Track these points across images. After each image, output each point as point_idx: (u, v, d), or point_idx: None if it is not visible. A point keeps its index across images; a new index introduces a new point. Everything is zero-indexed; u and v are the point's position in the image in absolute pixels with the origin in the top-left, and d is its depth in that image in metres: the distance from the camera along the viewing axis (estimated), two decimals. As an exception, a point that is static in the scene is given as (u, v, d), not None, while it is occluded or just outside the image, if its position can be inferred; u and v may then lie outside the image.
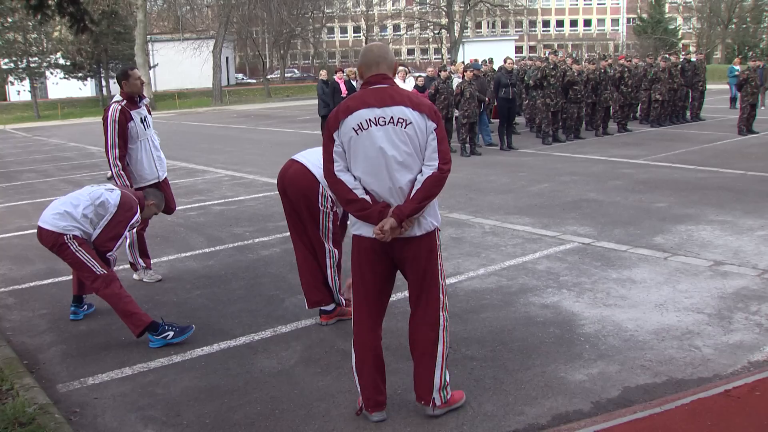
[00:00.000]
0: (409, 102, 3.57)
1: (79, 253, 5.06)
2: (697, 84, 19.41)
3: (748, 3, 65.92)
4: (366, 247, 3.76)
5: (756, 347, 4.62)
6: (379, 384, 3.84)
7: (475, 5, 54.18)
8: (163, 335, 5.03)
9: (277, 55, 67.08)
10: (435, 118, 3.59)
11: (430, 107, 3.62)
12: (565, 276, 6.24)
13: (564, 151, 14.75)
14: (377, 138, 3.55)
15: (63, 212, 5.16)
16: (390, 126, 3.55)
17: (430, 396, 3.80)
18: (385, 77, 3.66)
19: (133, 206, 5.35)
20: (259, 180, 12.58)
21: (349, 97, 3.72)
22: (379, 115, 3.55)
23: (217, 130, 25.44)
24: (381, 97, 3.58)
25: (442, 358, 3.79)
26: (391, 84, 3.67)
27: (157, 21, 63.73)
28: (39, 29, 41.14)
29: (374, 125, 3.55)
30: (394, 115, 3.55)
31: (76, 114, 41.78)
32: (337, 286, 5.28)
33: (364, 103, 3.58)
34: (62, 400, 4.28)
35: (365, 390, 3.84)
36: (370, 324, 3.84)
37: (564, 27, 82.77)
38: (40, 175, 14.94)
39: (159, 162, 6.54)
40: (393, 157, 3.55)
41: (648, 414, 3.77)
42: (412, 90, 15.93)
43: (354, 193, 3.62)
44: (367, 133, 3.56)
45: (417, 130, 3.56)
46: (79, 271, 5.18)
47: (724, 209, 8.59)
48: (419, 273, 3.74)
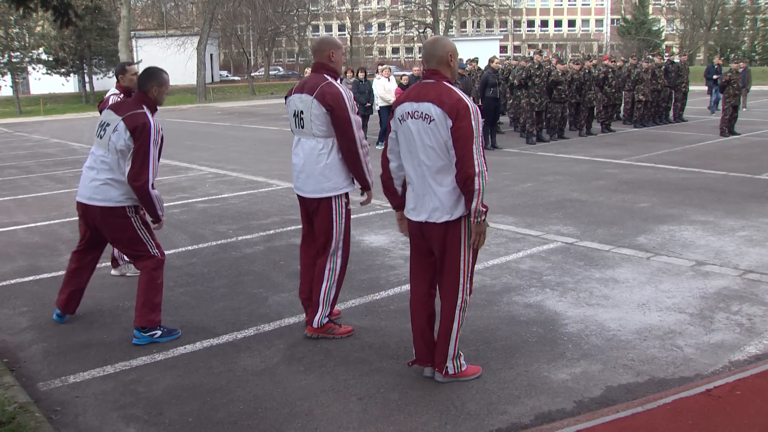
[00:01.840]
0: (437, 99, 3.86)
1: (140, 230, 5.03)
2: (680, 85, 19.57)
3: (730, 5, 66.56)
4: (412, 226, 4.21)
5: (737, 347, 4.66)
6: (427, 341, 4.29)
7: (460, 4, 54.33)
8: (151, 333, 5.00)
9: (261, 53, 66.91)
10: (454, 115, 3.80)
11: (453, 105, 3.81)
12: (549, 275, 6.26)
13: (548, 150, 14.81)
14: (411, 129, 3.97)
15: (106, 180, 4.93)
16: (420, 120, 3.91)
17: (444, 364, 4.19)
18: (434, 72, 3.99)
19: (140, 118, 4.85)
20: (242, 178, 12.54)
21: (408, 88, 4.20)
22: (415, 109, 3.94)
23: (201, 127, 25.31)
24: (421, 92, 3.95)
25: (456, 332, 4.15)
26: (438, 79, 3.97)
27: (141, 17, 63.39)
28: (21, 24, 40.70)
29: (411, 118, 3.96)
30: (423, 110, 3.90)
31: (59, 110, 41.38)
32: (330, 301, 5.00)
33: (408, 97, 4.01)
34: (43, 398, 4.23)
35: (416, 346, 4.33)
36: (418, 290, 4.29)
37: (548, 27, 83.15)
38: (21, 171, 14.80)
39: None
40: (421, 149, 3.93)
41: (630, 413, 3.79)
42: (396, 89, 15.98)
43: (391, 180, 4.27)
44: (405, 124, 4.00)
45: (439, 126, 3.84)
46: (132, 247, 5.08)
47: (706, 210, 8.66)
48: (442, 255, 4.08)
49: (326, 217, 4.86)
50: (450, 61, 4.00)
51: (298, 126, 4.82)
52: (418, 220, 4.08)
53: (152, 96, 4.97)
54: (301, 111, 4.75)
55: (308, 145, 4.79)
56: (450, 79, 4.01)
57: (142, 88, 4.96)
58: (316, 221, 4.91)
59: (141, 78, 5.00)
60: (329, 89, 4.64)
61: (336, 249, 4.93)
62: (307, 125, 4.74)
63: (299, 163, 4.87)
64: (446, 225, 3.99)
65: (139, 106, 4.91)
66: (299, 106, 4.76)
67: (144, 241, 5.07)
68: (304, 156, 4.82)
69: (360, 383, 4.30)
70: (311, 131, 4.74)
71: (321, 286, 4.94)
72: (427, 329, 4.29)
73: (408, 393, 4.15)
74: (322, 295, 4.94)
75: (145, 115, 4.86)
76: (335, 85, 4.67)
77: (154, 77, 4.97)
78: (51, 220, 9.36)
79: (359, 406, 4.02)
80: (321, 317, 4.96)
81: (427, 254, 4.21)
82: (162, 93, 5.02)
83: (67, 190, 11.82)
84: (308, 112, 4.70)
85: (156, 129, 4.88)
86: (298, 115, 4.79)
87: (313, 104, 4.65)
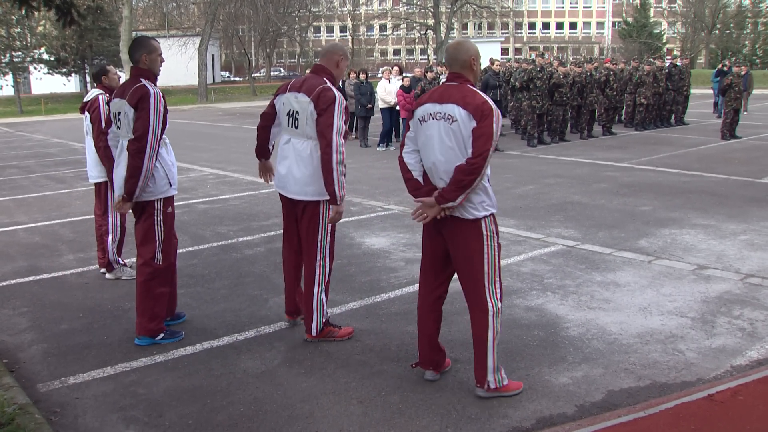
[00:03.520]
0: (461, 101, 3.87)
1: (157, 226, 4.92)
2: (682, 88, 19.54)
3: (731, 9, 66.59)
4: (427, 225, 4.16)
5: (739, 351, 4.64)
6: (432, 344, 4.27)
7: (461, 6, 54.23)
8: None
9: (263, 54, 66.90)
10: (479, 116, 3.81)
11: (478, 107, 3.83)
12: (550, 279, 6.25)
13: (549, 153, 14.80)
14: (432, 129, 3.95)
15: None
16: (443, 121, 3.91)
17: (485, 378, 4.05)
18: (457, 76, 4.01)
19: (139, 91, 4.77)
20: (243, 179, 12.53)
21: (429, 90, 4.27)
22: (438, 111, 3.95)
23: (202, 127, 25.32)
24: (444, 94, 3.96)
25: (492, 342, 4.02)
26: (462, 82, 3.98)
27: (142, 17, 63.33)
28: (23, 23, 40.73)
29: (432, 119, 3.96)
30: (447, 111, 3.90)
31: (60, 110, 41.44)
32: (323, 304, 4.95)
33: (431, 98, 4.02)
34: (43, 399, 4.22)
35: (421, 348, 4.31)
36: (428, 290, 4.27)
37: (550, 29, 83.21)
38: (22, 171, 14.80)
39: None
40: (439, 148, 3.92)
41: (632, 418, 3.78)
42: (398, 90, 15.98)
43: (410, 173, 4.11)
44: (427, 124, 3.99)
45: (462, 126, 3.85)
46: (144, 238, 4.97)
47: (707, 213, 8.64)
48: (463, 258, 4.03)
49: (314, 220, 4.81)
50: (473, 65, 4.02)
51: (291, 126, 4.79)
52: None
53: (144, 65, 4.90)
54: (296, 111, 4.73)
55: (300, 146, 4.75)
56: (473, 82, 4.03)
57: (132, 61, 4.92)
58: (303, 223, 4.86)
59: (130, 51, 4.95)
60: (326, 93, 4.62)
61: (324, 252, 4.87)
62: (301, 126, 4.72)
63: (288, 163, 4.81)
64: (466, 223, 3.95)
65: (137, 80, 4.85)
66: (295, 107, 4.74)
67: (156, 238, 4.95)
68: (294, 157, 4.77)
69: (361, 386, 4.29)
70: (305, 132, 4.71)
71: (312, 291, 4.88)
72: (434, 333, 4.27)
73: (409, 396, 4.13)
74: (315, 301, 4.89)
75: (143, 86, 4.79)
76: (332, 90, 4.66)
77: (141, 46, 4.92)
78: (51, 221, 9.35)
79: (360, 409, 4.01)
80: (318, 323, 4.92)
81: (442, 256, 4.16)
82: (154, 60, 4.93)
83: (68, 190, 11.82)
84: (304, 113, 4.68)
85: (156, 96, 4.79)
86: (293, 114, 4.77)
87: (310, 106, 4.64)
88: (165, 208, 4.97)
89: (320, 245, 4.83)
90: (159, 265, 4.97)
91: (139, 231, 4.99)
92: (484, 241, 3.97)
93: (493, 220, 4.01)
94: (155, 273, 4.95)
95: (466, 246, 3.99)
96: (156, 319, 4.97)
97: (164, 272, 5.02)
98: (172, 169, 5.01)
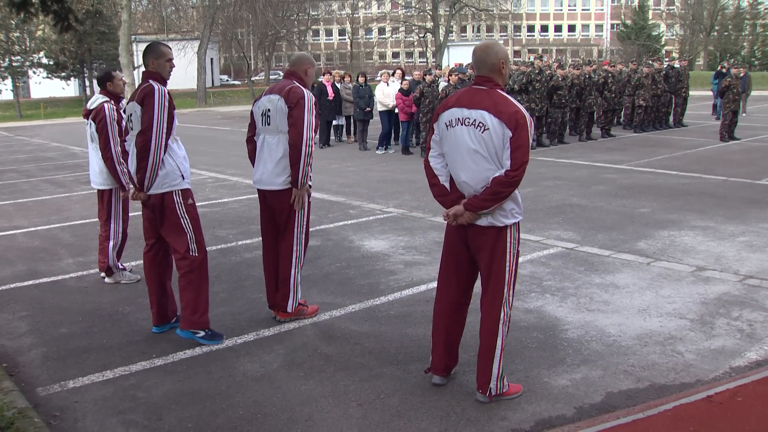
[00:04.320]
0: (493, 108, 3.77)
1: (183, 218, 4.97)
2: (681, 90, 19.56)
3: (729, 11, 66.67)
4: (450, 230, 4.13)
5: (738, 353, 4.65)
6: (449, 350, 4.23)
7: (460, 9, 54.34)
8: (194, 331, 5.04)
9: (262, 57, 66.87)
10: (514, 125, 3.72)
11: (512, 115, 3.73)
12: (549, 281, 6.26)
13: (548, 155, 14.81)
14: (460, 135, 3.85)
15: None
16: (472, 128, 3.81)
17: (488, 385, 4.00)
18: (486, 79, 3.89)
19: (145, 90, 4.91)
20: (242, 182, 12.53)
21: (455, 92, 4.11)
22: (466, 116, 3.84)
23: (201, 131, 25.31)
24: (474, 98, 3.85)
25: (500, 349, 3.99)
26: (491, 86, 3.88)
27: (141, 21, 63.30)
28: (22, 28, 40.78)
29: (461, 124, 3.86)
30: (476, 118, 3.80)
31: (59, 114, 41.46)
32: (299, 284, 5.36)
33: (459, 102, 3.90)
34: (42, 403, 4.22)
35: (434, 353, 4.26)
36: (447, 296, 4.19)
37: (548, 32, 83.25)
38: (21, 175, 14.80)
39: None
40: (468, 155, 3.83)
41: (631, 419, 3.78)
42: (396, 93, 15.99)
43: (436, 178, 4.05)
44: (453, 130, 3.89)
45: (494, 135, 3.76)
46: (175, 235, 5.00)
47: (706, 215, 8.65)
48: (487, 265, 3.98)
49: (288, 206, 5.19)
50: (502, 68, 3.90)
51: (264, 124, 5.20)
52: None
53: (152, 69, 5.03)
54: (268, 109, 5.15)
55: (273, 141, 5.15)
56: (502, 86, 3.94)
57: (145, 65, 5.06)
58: (277, 212, 5.26)
59: (142, 56, 5.14)
60: (295, 90, 5.07)
61: (300, 238, 5.26)
62: (273, 122, 5.12)
63: (263, 159, 5.21)
64: (492, 231, 3.90)
65: (145, 82, 5.01)
66: (267, 106, 5.17)
67: (185, 230, 4.98)
68: (267, 151, 5.18)
69: (360, 389, 4.29)
70: (276, 127, 5.11)
71: (290, 271, 5.28)
72: (455, 339, 4.23)
73: (408, 399, 4.14)
74: (291, 280, 5.29)
75: (149, 85, 4.92)
76: (301, 88, 5.11)
77: (149, 51, 5.07)
78: (51, 225, 9.35)
79: (359, 411, 4.01)
80: (294, 302, 5.33)
81: (467, 263, 4.11)
82: (161, 65, 5.03)
83: (67, 194, 11.82)
84: (275, 109, 5.10)
85: (161, 92, 4.87)
86: (266, 114, 5.18)
87: (279, 102, 5.07)
88: (185, 201, 5.01)
89: (296, 231, 5.24)
90: (195, 256, 5.01)
91: (167, 230, 5.04)
92: (508, 248, 3.93)
93: (517, 227, 3.98)
94: (193, 265, 5.00)
95: (490, 253, 3.93)
96: (198, 311, 5.00)
97: (202, 264, 5.05)
98: (184, 163, 5.07)
